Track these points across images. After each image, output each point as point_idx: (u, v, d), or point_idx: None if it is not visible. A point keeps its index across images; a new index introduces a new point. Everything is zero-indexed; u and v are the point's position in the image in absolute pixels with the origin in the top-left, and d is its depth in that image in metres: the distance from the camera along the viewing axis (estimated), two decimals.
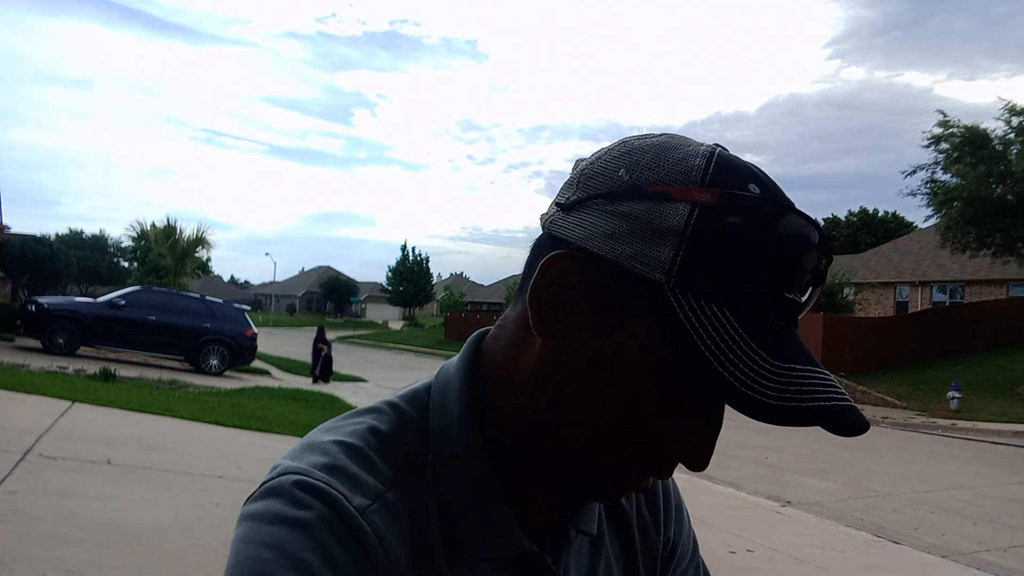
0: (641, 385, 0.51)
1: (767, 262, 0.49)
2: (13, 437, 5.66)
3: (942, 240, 22.50)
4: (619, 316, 0.51)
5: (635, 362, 0.51)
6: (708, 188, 0.50)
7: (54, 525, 3.91)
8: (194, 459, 6.04)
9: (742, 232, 0.49)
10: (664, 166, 0.51)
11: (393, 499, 0.54)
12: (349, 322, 67.74)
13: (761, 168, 0.54)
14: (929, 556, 5.86)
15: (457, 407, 0.58)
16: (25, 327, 15.42)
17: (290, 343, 30.57)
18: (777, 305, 0.50)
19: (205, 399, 10.17)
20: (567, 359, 0.53)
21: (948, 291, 30.60)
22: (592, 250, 0.51)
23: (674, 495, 0.75)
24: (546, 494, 0.60)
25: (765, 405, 0.47)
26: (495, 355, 0.59)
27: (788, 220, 0.50)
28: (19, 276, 28.15)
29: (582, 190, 0.54)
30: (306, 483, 0.51)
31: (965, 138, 20.95)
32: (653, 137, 0.55)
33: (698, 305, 0.49)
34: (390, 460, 0.56)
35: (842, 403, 0.48)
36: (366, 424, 0.58)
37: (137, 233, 24.12)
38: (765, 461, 9.77)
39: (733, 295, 0.49)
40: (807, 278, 0.52)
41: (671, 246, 0.49)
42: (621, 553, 0.68)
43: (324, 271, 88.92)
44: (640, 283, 0.50)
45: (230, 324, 16.31)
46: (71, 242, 45.71)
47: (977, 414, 16.54)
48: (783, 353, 0.49)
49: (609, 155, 0.55)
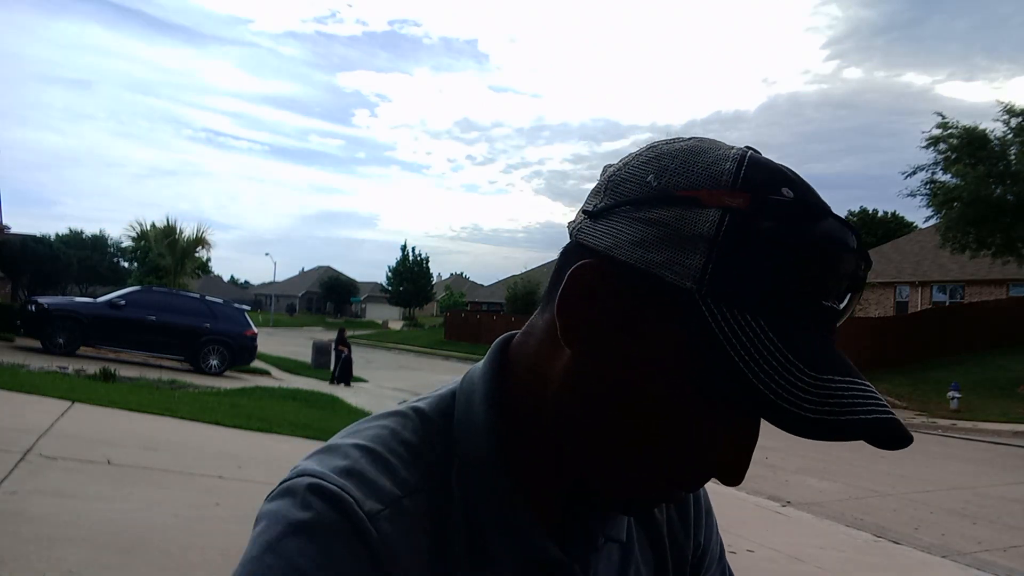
0: (673, 396, 0.49)
1: (802, 269, 0.47)
2: (13, 437, 5.66)
3: (942, 240, 22.50)
4: (649, 325, 0.50)
5: (667, 373, 0.49)
6: (739, 192, 0.48)
7: (54, 525, 3.91)
8: (194, 459, 6.04)
9: (775, 238, 0.47)
10: (693, 171, 0.50)
11: (411, 506, 0.53)
12: (349, 322, 67.70)
13: (796, 171, 0.52)
14: (929, 556, 5.86)
15: (483, 414, 0.57)
16: (25, 327, 15.40)
17: (290, 343, 30.57)
18: (814, 313, 0.48)
19: (205, 399, 10.17)
20: (596, 369, 0.52)
21: (948, 291, 30.59)
22: (620, 258, 0.50)
23: (704, 501, 0.74)
24: (574, 501, 0.60)
25: (803, 419, 0.45)
26: (522, 362, 0.58)
27: (823, 224, 0.48)
28: (19, 276, 28.15)
29: (610, 197, 0.53)
30: (319, 486, 0.51)
31: (964, 139, 20.97)
32: (682, 141, 0.54)
33: (731, 314, 0.47)
34: (413, 466, 0.55)
35: (883, 416, 0.46)
36: (390, 428, 0.57)
37: (137, 233, 24.10)
38: (765, 461, 9.77)
39: (767, 303, 0.47)
40: (845, 284, 0.50)
41: (702, 253, 0.47)
42: (651, 559, 0.68)
43: (324, 271, 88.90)
44: (671, 291, 0.48)
45: (230, 324, 16.30)
46: (71, 242, 45.73)
47: (977, 414, 16.55)
48: (821, 364, 0.47)
49: (637, 161, 0.54)
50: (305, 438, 7.87)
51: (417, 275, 65.81)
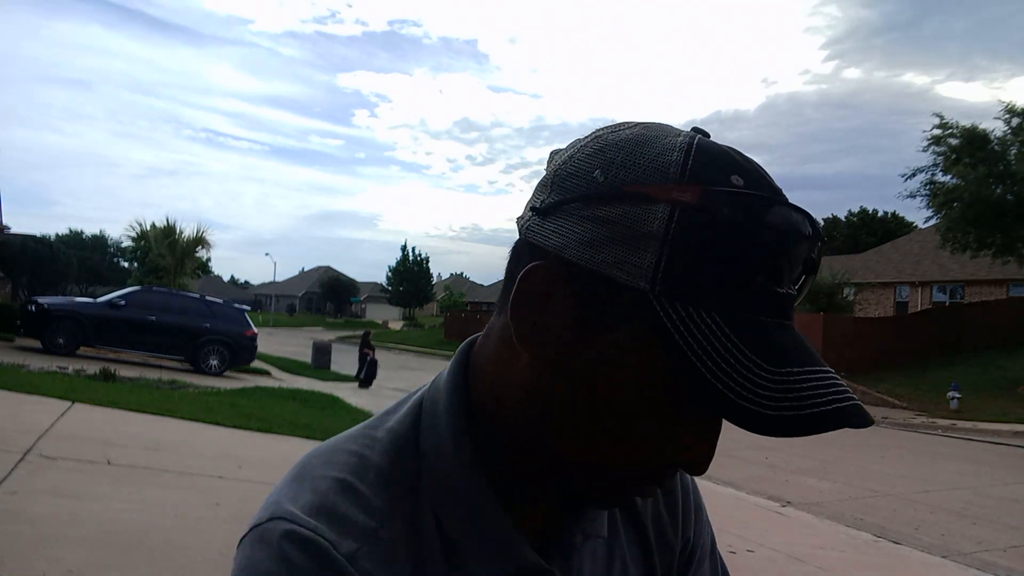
0: (632, 396, 0.49)
1: (756, 259, 0.47)
2: (13, 437, 5.66)
3: (942, 241, 22.51)
4: (605, 327, 0.49)
5: (624, 373, 0.49)
6: (688, 185, 0.47)
7: (54, 525, 3.91)
8: (194, 459, 6.04)
9: (727, 230, 0.46)
10: (639, 163, 0.49)
11: (386, 535, 0.52)
12: (349, 322, 67.72)
13: (744, 152, 0.51)
14: (929, 556, 5.86)
15: (447, 423, 0.56)
16: (25, 327, 15.39)
17: (290, 343, 30.56)
18: (769, 302, 0.48)
19: (205, 399, 10.17)
20: (554, 372, 0.51)
21: (948, 291, 30.58)
22: (571, 259, 0.49)
23: (693, 495, 0.74)
24: (548, 503, 0.59)
25: (763, 416, 0.45)
26: (483, 367, 0.57)
27: (775, 212, 0.47)
28: (19, 276, 28.14)
29: (556, 192, 0.52)
30: (293, 533, 0.49)
31: (964, 139, 20.98)
32: (627, 129, 0.52)
33: (686, 312, 0.46)
34: (383, 490, 0.54)
35: (843, 404, 0.46)
36: (359, 455, 0.56)
37: (137, 233, 24.07)
38: (765, 461, 9.77)
39: (722, 298, 0.46)
40: (799, 269, 0.49)
41: (653, 251, 0.47)
42: (639, 554, 0.67)
43: (324, 271, 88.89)
44: (624, 292, 0.48)
45: (230, 324, 16.28)
46: (71, 242, 45.75)
47: (977, 414, 16.54)
48: (779, 356, 0.47)
49: (582, 153, 0.52)
50: (305, 438, 7.87)
51: (417, 275, 65.82)
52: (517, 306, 0.51)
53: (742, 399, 0.45)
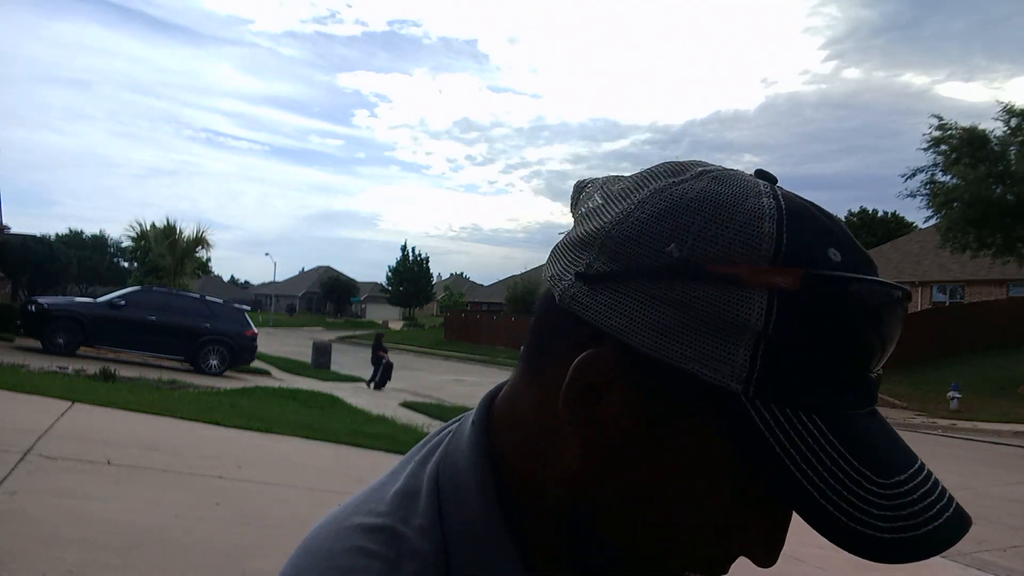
0: (706, 501, 0.43)
1: (857, 346, 0.40)
2: (13, 437, 5.66)
3: (942, 241, 22.52)
4: (681, 431, 0.42)
5: (699, 480, 0.43)
6: (786, 268, 0.40)
7: (54, 525, 3.92)
8: (194, 459, 6.04)
9: (832, 320, 0.40)
10: (724, 235, 0.41)
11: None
12: (349, 322, 67.72)
13: (824, 209, 0.44)
14: None
15: (472, 477, 0.49)
16: (25, 327, 15.40)
17: (290, 343, 30.56)
18: (862, 390, 0.42)
19: (205, 399, 10.17)
20: (610, 471, 0.44)
21: (948, 291, 30.60)
22: (638, 347, 0.41)
23: None
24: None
25: (878, 541, 0.39)
26: (514, 444, 0.49)
27: (876, 293, 0.41)
28: (19, 276, 28.16)
29: (612, 259, 0.43)
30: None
31: (964, 139, 20.99)
32: (695, 181, 0.44)
33: (784, 417, 0.40)
34: (421, 535, 0.47)
35: (951, 511, 0.40)
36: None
37: (137, 233, 24.04)
38: None
39: (822, 397, 0.40)
40: (891, 349, 0.43)
41: (747, 346, 0.39)
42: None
43: (324, 271, 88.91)
44: (707, 390, 0.40)
45: (230, 324, 16.29)
46: (71, 242, 45.75)
47: (977, 414, 16.55)
48: (884, 462, 0.41)
49: (643, 212, 0.43)
50: (305, 438, 7.88)
51: (417, 275, 65.83)
52: (571, 396, 0.44)
53: (855, 521, 0.39)
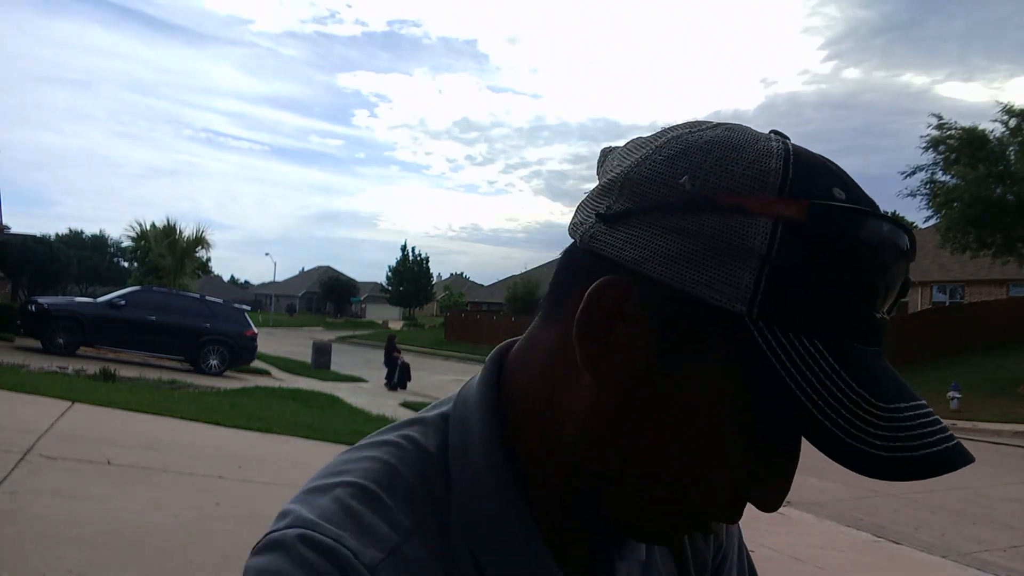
0: (713, 428, 0.45)
1: (859, 280, 0.43)
2: (13, 437, 5.66)
3: (942, 240, 22.51)
4: (688, 352, 0.44)
5: (707, 404, 0.44)
6: (792, 200, 0.42)
7: (54, 525, 3.92)
8: (194, 459, 6.04)
9: (833, 249, 0.42)
10: (734, 170, 0.44)
11: (410, 551, 0.47)
12: (349, 322, 67.72)
13: (836, 162, 0.47)
14: (929, 556, 5.86)
15: (481, 448, 0.51)
16: (25, 327, 15.40)
17: (290, 343, 30.56)
18: (868, 328, 0.44)
19: (205, 399, 10.18)
20: (624, 399, 0.46)
21: (948, 291, 30.60)
22: (652, 275, 0.44)
23: None
24: (589, 529, 0.55)
25: (875, 458, 0.41)
26: (525, 385, 0.52)
27: (880, 228, 0.43)
28: (19, 276, 28.16)
29: (629, 198, 0.46)
30: (311, 538, 0.45)
31: (963, 139, 20.98)
32: (710, 130, 0.47)
33: (786, 339, 0.42)
34: (408, 504, 0.49)
35: (951, 444, 0.42)
36: (381, 460, 0.51)
37: (137, 233, 24.04)
38: None
39: (825, 324, 0.42)
40: (896, 290, 0.45)
41: (752, 270, 0.42)
42: (674, 569, 0.64)
43: (324, 271, 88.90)
44: (716, 315, 0.43)
45: (230, 324, 16.29)
46: (71, 242, 45.77)
47: (977, 414, 16.55)
48: (885, 389, 0.43)
49: (660, 155, 0.46)
50: (305, 438, 7.87)
51: (417, 275, 65.82)
52: (585, 324, 0.46)
53: (853, 438, 0.41)
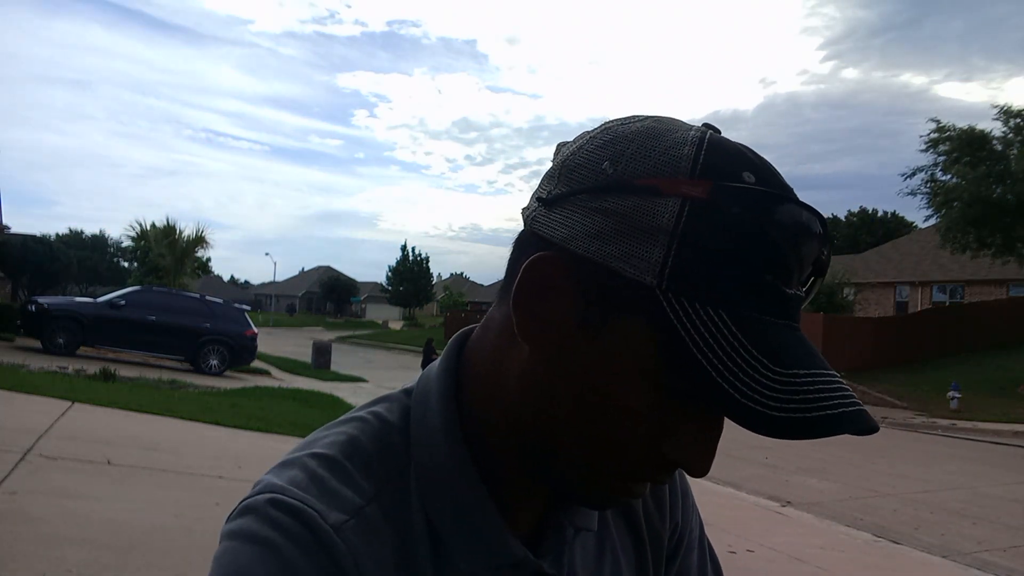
0: (633, 393, 0.48)
1: (765, 257, 0.46)
2: (13, 437, 5.66)
3: (942, 240, 22.54)
4: (608, 321, 0.48)
5: (625, 369, 0.48)
6: (699, 180, 0.47)
7: (54, 525, 3.91)
8: (194, 459, 6.04)
9: (737, 227, 0.46)
10: (651, 156, 0.48)
11: (372, 513, 0.52)
12: (349, 322, 67.71)
13: (756, 151, 0.51)
14: (929, 556, 5.86)
15: (438, 415, 0.56)
16: (25, 327, 15.40)
17: (290, 343, 30.56)
18: (777, 303, 0.47)
19: (205, 399, 10.18)
20: (553, 366, 0.51)
21: (948, 291, 30.60)
22: (577, 251, 0.49)
23: (681, 482, 0.73)
24: (539, 497, 0.59)
25: (768, 418, 0.44)
26: (479, 359, 0.57)
27: (785, 210, 0.47)
28: (19, 276, 28.15)
29: (564, 183, 0.51)
30: (280, 501, 0.50)
31: (963, 140, 20.98)
32: (638, 122, 0.51)
33: (692, 309, 0.46)
34: (371, 472, 0.54)
35: (850, 409, 0.45)
36: (347, 434, 0.56)
37: (137, 233, 24.00)
38: (765, 461, 9.76)
39: (729, 296, 0.46)
40: (808, 271, 0.49)
41: (661, 246, 0.46)
42: (630, 544, 0.67)
43: (324, 271, 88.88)
44: (629, 286, 0.47)
45: (230, 324, 16.29)
46: (71, 242, 45.78)
47: (977, 414, 16.54)
48: (786, 357, 0.46)
49: (592, 144, 0.51)
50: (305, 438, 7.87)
51: (417, 275, 65.83)
52: (519, 296, 0.51)
53: (747, 399, 0.44)
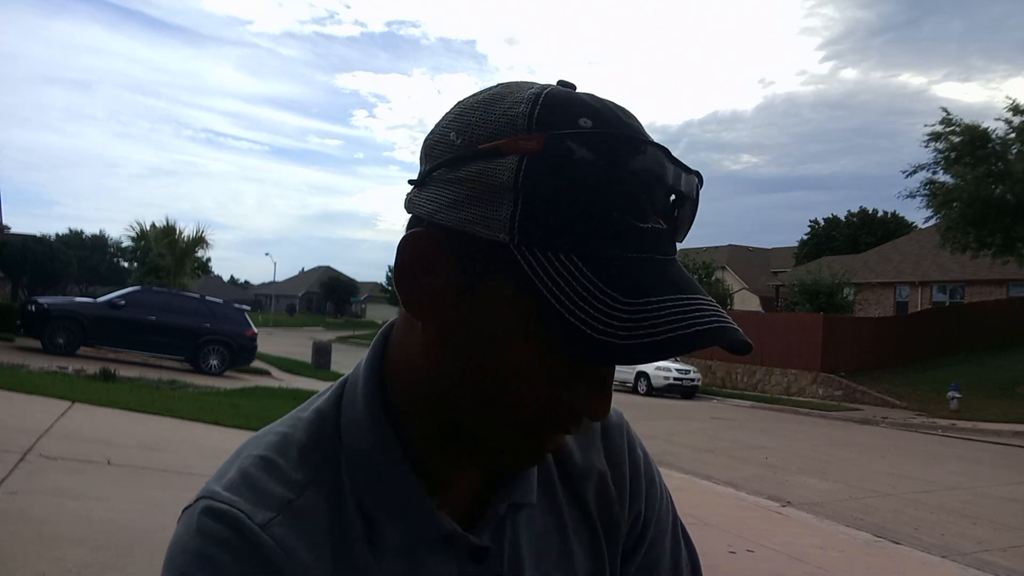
0: (517, 350, 0.50)
1: (608, 196, 0.47)
2: (13, 437, 5.66)
3: (942, 240, 22.50)
4: (479, 286, 0.50)
5: (500, 328, 0.50)
6: (534, 134, 0.48)
7: (54, 525, 3.91)
8: (194, 459, 6.03)
9: (574, 172, 0.47)
10: (491, 121, 0.50)
11: (303, 504, 0.54)
12: (349, 322, 67.69)
13: (600, 97, 0.51)
14: (929, 556, 5.85)
15: (362, 400, 0.58)
16: (25, 327, 15.38)
17: (290, 343, 30.55)
18: (633, 238, 0.48)
19: (205, 399, 10.17)
20: (443, 336, 0.53)
21: (948, 291, 30.58)
22: (442, 223, 0.51)
23: (645, 470, 0.71)
24: (468, 473, 0.60)
25: (618, 347, 0.45)
26: (394, 343, 0.60)
27: (623, 147, 0.48)
28: (19, 276, 28.15)
29: (426, 162, 0.54)
30: (211, 508, 0.53)
31: (965, 138, 20.96)
32: (485, 91, 0.53)
33: (544, 258, 0.47)
34: (303, 465, 0.56)
35: (708, 327, 0.46)
36: (282, 434, 0.59)
37: (137, 233, 24.00)
38: (765, 461, 9.77)
39: (579, 239, 0.47)
40: (662, 202, 0.49)
41: (507, 203, 0.48)
42: (584, 531, 0.67)
43: (324, 271, 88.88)
44: (488, 247, 0.49)
45: (230, 324, 16.28)
46: (71, 242, 45.79)
47: (977, 414, 16.55)
48: (639, 287, 0.47)
49: (444, 120, 0.54)
50: None
51: None
52: (398, 275, 0.53)
53: (601, 333, 0.46)
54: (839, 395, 20.97)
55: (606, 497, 0.68)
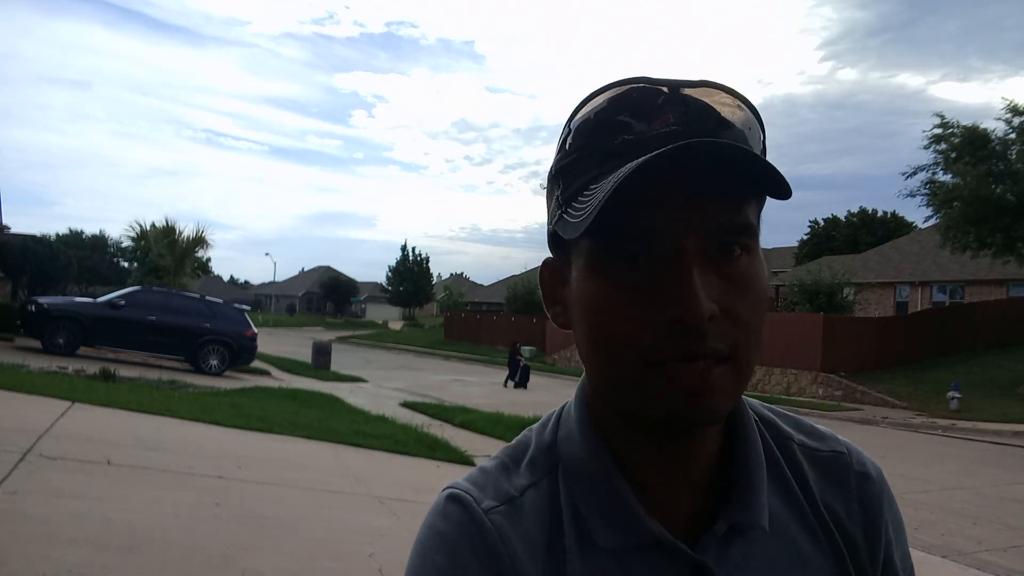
0: (600, 297, 0.57)
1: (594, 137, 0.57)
2: (13, 437, 5.66)
3: (942, 240, 22.47)
4: (567, 271, 0.62)
5: (585, 287, 0.59)
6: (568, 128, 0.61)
7: (54, 525, 3.91)
8: (194, 459, 6.03)
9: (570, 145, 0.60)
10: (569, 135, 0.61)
11: (524, 501, 0.62)
12: (349, 322, 67.72)
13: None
14: (929, 556, 5.85)
15: (575, 416, 0.66)
16: (25, 327, 15.38)
17: (290, 343, 30.55)
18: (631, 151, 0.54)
19: (205, 399, 10.16)
20: (574, 330, 0.62)
21: (948, 291, 30.57)
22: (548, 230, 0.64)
23: (894, 526, 0.75)
24: (686, 490, 0.62)
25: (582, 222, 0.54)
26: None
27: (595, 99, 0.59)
28: (19, 276, 28.12)
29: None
30: (451, 494, 0.63)
31: (965, 138, 20.93)
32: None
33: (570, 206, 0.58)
34: (529, 469, 0.65)
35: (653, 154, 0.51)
36: (518, 441, 0.69)
37: (137, 233, 23.98)
38: None
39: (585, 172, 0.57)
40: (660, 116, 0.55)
41: (556, 191, 0.61)
42: (828, 566, 0.66)
43: (324, 271, 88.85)
44: (566, 243, 0.61)
45: (230, 324, 16.29)
46: (71, 242, 45.74)
47: (977, 414, 16.54)
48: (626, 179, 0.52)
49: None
50: (305, 438, 7.87)
51: (417, 275, 65.77)
52: (544, 299, 0.67)
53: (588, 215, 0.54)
54: (839, 395, 20.96)
55: (853, 541, 0.68)
